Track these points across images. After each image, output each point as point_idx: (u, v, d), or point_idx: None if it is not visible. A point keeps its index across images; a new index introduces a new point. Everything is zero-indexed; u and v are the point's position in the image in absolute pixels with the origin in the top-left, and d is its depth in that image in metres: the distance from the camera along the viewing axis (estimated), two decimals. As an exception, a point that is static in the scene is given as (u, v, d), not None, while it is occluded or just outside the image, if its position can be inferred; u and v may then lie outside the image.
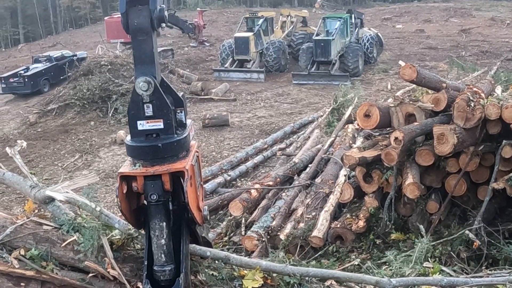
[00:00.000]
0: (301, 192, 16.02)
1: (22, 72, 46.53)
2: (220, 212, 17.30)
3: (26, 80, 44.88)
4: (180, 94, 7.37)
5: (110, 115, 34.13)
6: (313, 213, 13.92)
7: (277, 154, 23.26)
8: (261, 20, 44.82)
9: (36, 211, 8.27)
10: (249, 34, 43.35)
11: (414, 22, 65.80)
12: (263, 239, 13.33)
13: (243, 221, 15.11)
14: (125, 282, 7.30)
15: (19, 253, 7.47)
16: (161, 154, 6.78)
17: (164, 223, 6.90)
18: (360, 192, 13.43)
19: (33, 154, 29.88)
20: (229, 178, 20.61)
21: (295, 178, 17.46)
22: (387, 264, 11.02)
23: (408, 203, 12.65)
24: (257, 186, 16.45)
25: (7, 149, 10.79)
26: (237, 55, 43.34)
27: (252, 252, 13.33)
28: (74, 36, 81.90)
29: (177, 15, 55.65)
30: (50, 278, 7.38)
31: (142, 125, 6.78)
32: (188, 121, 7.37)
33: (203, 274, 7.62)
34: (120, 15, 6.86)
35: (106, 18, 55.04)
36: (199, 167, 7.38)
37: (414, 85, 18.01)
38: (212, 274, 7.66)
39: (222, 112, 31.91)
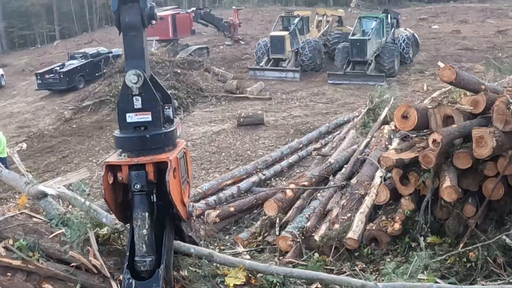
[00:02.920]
0: (336, 193, 15.93)
1: (58, 68, 46.97)
2: (254, 212, 17.33)
3: (62, 76, 45.28)
4: (169, 92, 7.77)
5: (145, 112, 34.22)
6: (348, 215, 13.86)
7: (312, 154, 23.20)
8: (297, 19, 44.75)
9: (29, 206, 8.68)
10: (285, 33, 43.32)
11: (450, 22, 65.17)
12: (298, 240, 13.30)
13: (277, 221, 15.08)
14: (107, 274, 7.46)
15: (8, 242, 7.75)
16: (147, 145, 7.10)
17: (147, 214, 7.07)
18: (396, 194, 13.29)
19: (68, 150, 30.13)
20: (263, 177, 20.59)
21: (330, 178, 17.36)
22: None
23: (444, 206, 12.47)
24: (292, 186, 16.42)
25: (7, 149, 11.49)
26: (273, 54, 43.30)
27: (286, 252, 13.30)
28: (110, 33, 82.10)
29: (213, 13, 55.86)
30: (35, 269, 7.54)
31: (131, 117, 7.13)
32: (176, 119, 7.81)
33: (186, 270, 7.74)
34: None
35: (141, 15, 55.19)
36: (186, 163, 7.69)
37: (450, 87, 17.85)
38: (195, 270, 7.79)
39: (257, 111, 31.90)
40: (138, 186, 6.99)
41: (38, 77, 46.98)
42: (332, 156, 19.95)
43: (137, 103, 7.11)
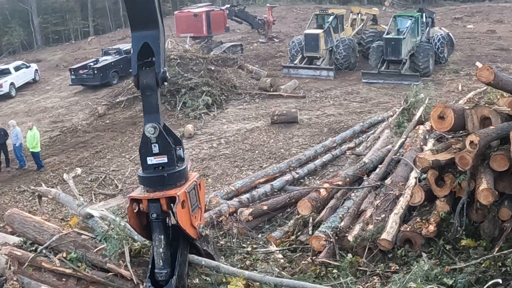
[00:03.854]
0: (371, 193, 15.86)
1: (92, 64, 47.38)
2: (287, 210, 17.31)
3: (96, 72, 45.60)
4: (178, 135, 9.75)
5: (178, 108, 34.38)
6: (382, 215, 13.77)
7: (347, 153, 23.14)
8: (332, 17, 44.52)
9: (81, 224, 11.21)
10: (319, 31, 43.15)
11: (485, 22, 64.44)
12: (331, 240, 13.25)
13: (310, 220, 15.06)
14: (135, 280, 9.64)
15: (62, 255, 10.23)
16: (162, 183, 9.09)
17: (162, 236, 9.11)
18: (431, 195, 13.21)
19: (101, 145, 30.37)
20: (297, 176, 20.61)
21: (364, 178, 17.34)
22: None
23: (480, 209, 12.38)
24: (326, 185, 16.41)
25: (64, 175, 14.27)
26: (307, 52, 43.17)
27: (319, 252, 13.28)
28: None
29: (247, 11, 55.86)
30: (83, 276, 9.99)
31: (151, 160, 9.17)
32: (186, 156, 9.61)
33: (197, 279, 9.55)
34: (189, 10, 8.12)
35: (176, 12, 55.30)
36: (197, 193, 9.53)
37: (486, 87, 17.67)
38: (205, 279, 9.62)
39: (291, 109, 31.88)
40: (155, 215, 9.06)
41: (72, 72, 47.36)
42: (367, 156, 19.90)
43: (155, 149, 9.12)
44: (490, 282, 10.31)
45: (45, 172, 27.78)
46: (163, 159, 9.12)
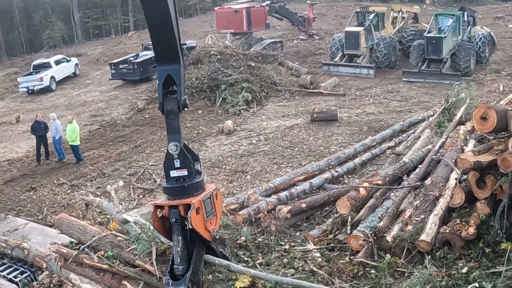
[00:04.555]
0: (410, 193, 15.74)
1: (132, 59, 47.76)
2: (326, 209, 17.26)
3: (136, 66, 45.95)
4: (196, 152, 11.12)
5: (218, 104, 34.55)
6: (422, 216, 13.65)
7: (386, 152, 23.02)
8: (372, 15, 44.36)
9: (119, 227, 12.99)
10: (360, 28, 43.03)
11: (526, 22, 63.58)
12: (370, 240, 13.20)
13: (349, 219, 15.02)
14: (158, 275, 10.95)
15: (100, 253, 11.77)
16: (180, 193, 10.41)
17: (180, 237, 10.33)
18: (471, 197, 13.08)
19: (140, 140, 30.62)
20: (336, 174, 20.59)
21: (404, 178, 17.21)
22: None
23: (521, 212, 12.26)
24: (365, 184, 16.34)
25: (108, 187, 20.19)
26: (347, 50, 43.06)
27: (357, 252, 13.23)
28: (183, 25, 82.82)
29: (287, 7, 55.74)
30: (117, 271, 11.47)
31: (174, 173, 10.45)
32: (202, 170, 11.04)
33: (211, 275, 10.77)
34: (230, 6, 8.62)
35: (216, 8, 55.50)
36: (212, 202, 10.73)
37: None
38: (218, 275, 10.77)
39: (331, 106, 31.79)
40: (174, 219, 10.29)
41: (112, 67, 47.84)
42: (407, 156, 19.77)
43: (177, 163, 10.39)
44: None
45: (84, 165, 28.13)
46: (184, 172, 10.45)
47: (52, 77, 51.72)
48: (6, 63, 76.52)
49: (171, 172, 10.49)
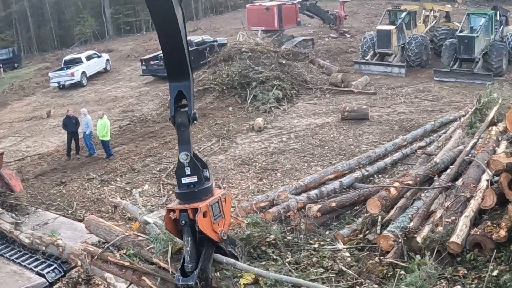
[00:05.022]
0: (441, 194, 15.65)
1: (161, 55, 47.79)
2: (356, 208, 17.25)
3: (166, 63, 46.02)
4: (204, 159, 12.06)
5: (249, 101, 34.58)
6: (453, 217, 13.56)
7: (417, 152, 22.92)
8: (404, 13, 44.08)
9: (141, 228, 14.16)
10: (392, 27, 42.82)
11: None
12: (400, 240, 13.15)
13: (379, 219, 14.97)
14: (171, 271, 11.61)
15: (123, 252, 12.65)
16: (190, 197, 11.17)
17: (190, 238, 11.08)
18: (503, 199, 12.97)
19: (170, 136, 30.77)
20: (366, 173, 20.58)
21: (435, 179, 17.10)
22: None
23: (554, 215, 12.15)
24: (396, 184, 16.28)
25: (133, 190, 20.81)
26: (379, 48, 42.88)
27: (387, 252, 13.18)
28: (214, 22, 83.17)
29: (319, 5, 55.63)
30: (137, 267, 12.28)
31: (185, 180, 11.18)
32: (211, 176, 11.79)
33: (219, 272, 11.40)
34: (261, 4, 8.88)
35: (247, 5, 55.58)
36: (220, 206, 11.48)
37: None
38: (225, 273, 11.40)
39: (361, 105, 31.73)
40: (183, 222, 11.02)
41: (143, 63, 48.15)
42: (438, 156, 19.66)
43: (187, 171, 11.11)
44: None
45: (114, 160, 28.39)
46: (194, 179, 11.20)
47: (83, 73, 52.26)
48: (38, 58, 77.44)
49: (182, 179, 11.26)
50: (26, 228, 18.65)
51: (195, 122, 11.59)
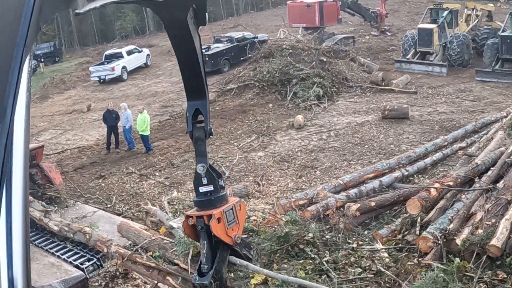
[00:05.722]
0: (482, 196, 15.56)
1: (203, 51, 47.93)
2: (395, 208, 17.17)
3: (207, 59, 46.23)
4: (220, 170, 13.33)
5: (289, 99, 34.61)
6: (493, 220, 13.49)
7: (458, 153, 22.76)
8: (446, 12, 43.67)
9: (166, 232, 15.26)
10: (433, 26, 42.45)
11: None
12: (439, 242, 13.10)
13: (418, 220, 14.90)
14: (190, 271, 12.51)
15: (149, 253, 13.74)
16: (206, 205, 11.91)
17: (206, 241, 11.80)
18: (545, 202, 12.90)
19: (209, 132, 30.81)
20: (406, 173, 20.45)
21: (476, 180, 16.96)
22: None
23: None
24: (436, 185, 16.19)
25: (162, 197, 21.97)
26: (420, 47, 42.60)
27: (426, 254, 13.15)
28: (255, 18, 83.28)
29: (360, 3, 55.53)
30: (162, 268, 13.31)
31: (202, 189, 11.92)
32: (226, 185, 12.65)
33: (233, 273, 12.12)
34: (302, 1, 9.48)
35: (288, 2, 55.59)
36: (235, 212, 12.12)
37: None
38: (238, 274, 12.13)
39: (402, 104, 31.56)
40: (199, 227, 11.74)
41: (183, 58, 48.29)
42: (479, 157, 19.53)
43: (204, 180, 11.86)
44: None
45: (153, 155, 28.63)
46: (210, 188, 11.93)
47: (124, 67, 52.73)
48: (79, 53, 78.27)
49: (199, 188, 12.04)
50: (55, 216, 19.06)
51: (211, 136, 12.59)
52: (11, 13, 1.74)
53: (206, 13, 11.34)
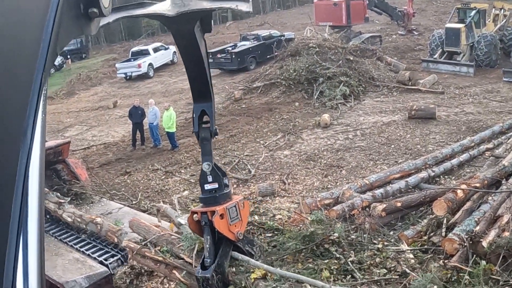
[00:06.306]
0: (509, 198, 15.47)
1: (230, 48, 48.34)
2: (421, 209, 17.13)
3: (233, 56, 46.54)
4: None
5: (315, 97, 34.57)
6: (520, 222, 13.45)
7: (485, 154, 22.63)
8: (474, 11, 43.32)
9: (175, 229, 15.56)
10: (461, 25, 42.17)
11: None
12: (465, 244, 13.05)
13: (444, 221, 14.84)
14: (194, 265, 13.08)
15: (158, 248, 14.41)
16: (210, 202, 12.50)
17: (209, 237, 12.40)
18: None
19: (236, 130, 31.00)
20: (433, 174, 20.36)
21: (502, 182, 16.89)
22: None
23: None
24: (463, 186, 16.12)
25: (173, 196, 22.11)
26: (447, 47, 42.33)
27: (452, 256, 13.10)
28: (282, 16, 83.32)
29: (387, 2, 55.33)
30: (168, 262, 13.98)
31: (207, 186, 12.46)
32: (230, 183, 13.29)
33: (234, 268, 12.62)
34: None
35: (315, 0, 55.42)
36: (238, 210, 12.68)
37: None
38: (239, 268, 12.60)
39: (429, 104, 31.37)
40: (204, 223, 12.33)
41: (210, 56, 48.17)
42: (506, 159, 19.42)
43: (210, 178, 12.42)
44: None
45: (179, 152, 28.78)
46: (215, 185, 12.48)
47: (150, 64, 53.08)
48: (105, 49, 78.82)
49: (205, 185, 12.58)
50: (68, 207, 19.31)
51: (216, 136, 13.24)
52: (31, 40, 1.84)
53: (212, 21, 11.84)
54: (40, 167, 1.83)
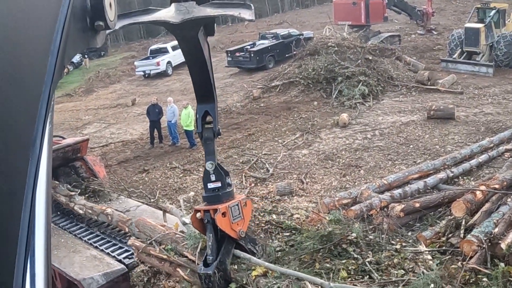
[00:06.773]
0: (528, 200, 15.44)
1: (249, 47, 48.42)
2: (439, 210, 17.07)
3: (252, 55, 46.59)
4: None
5: (334, 96, 34.56)
6: (539, 225, 13.40)
7: (505, 155, 22.53)
8: (493, 11, 42.98)
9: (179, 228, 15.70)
10: (480, 25, 41.88)
11: None
12: (483, 246, 13.02)
13: (463, 222, 14.81)
14: (197, 262, 13.22)
15: (163, 247, 14.64)
16: (213, 200, 12.79)
17: (212, 234, 12.66)
18: None
19: (254, 128, 31.04)
20: (451, 174, 20.30)
21: (522, 184, 16.86)
22: None
23: None
24: (482, 187, 16.07)
25: (179, 197, 22.16)
26: (466, 47, 42.06)
27: (470, 257, 13.04)
28: (300, 15, 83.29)
29: (406, 1, 55.14)
30: (172, 260, 14.20)
31: (210, 185, 12.77)
32: (232, 182, 13.60)
33: (236, 265, 12.79)
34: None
35: (334, 0, 55.53)
36: (240, 209, 12.92)
37: None
38: (241, 265, 12.76)
39: (448, 104, 31.23)
40: (206, 221, 12.62)
41: (229, 54, 48.72)
42: (525, 160, 19.35)
43: (213, 177, 12.73)
44: None
45: (197, 150, 28.82)
46: (218, 184, 12.79)
47: (169, 62, 53.29)
48: (124, 47, 79.20)
49: (208, 184, 12.87)
50: (79, 199, 19.50)
51: (219, 136, 13.50)
52: (40, 53, 1.88)
53: (215, 25, 12.22)
54: (47, 176, 1.88)
